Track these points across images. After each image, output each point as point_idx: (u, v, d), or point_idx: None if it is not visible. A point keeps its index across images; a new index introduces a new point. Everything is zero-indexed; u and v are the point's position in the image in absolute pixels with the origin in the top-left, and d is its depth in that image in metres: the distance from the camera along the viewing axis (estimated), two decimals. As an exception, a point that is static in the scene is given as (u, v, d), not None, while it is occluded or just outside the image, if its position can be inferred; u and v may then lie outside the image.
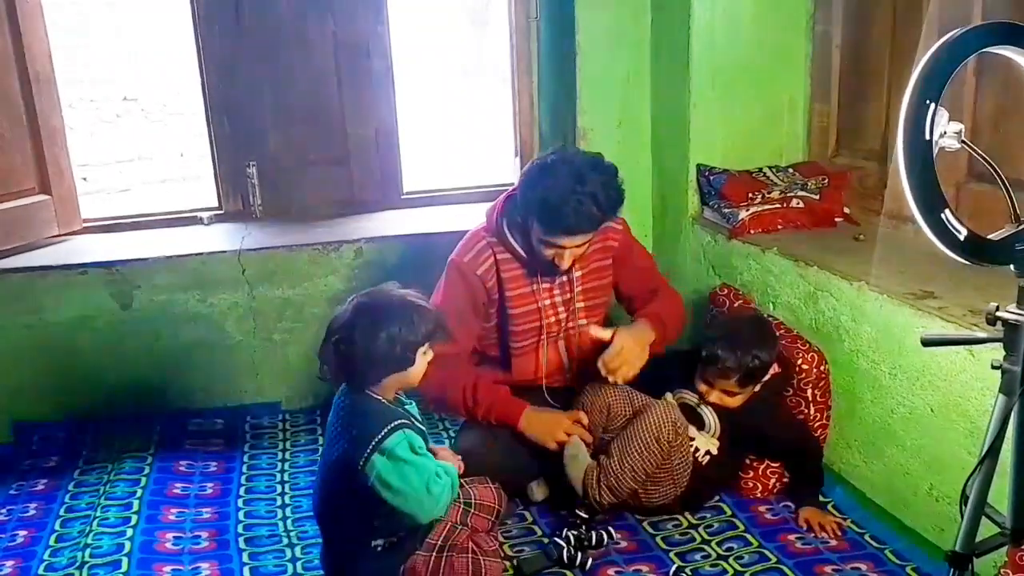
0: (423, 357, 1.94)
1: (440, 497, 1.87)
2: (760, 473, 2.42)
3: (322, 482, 2.01)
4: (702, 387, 2.34)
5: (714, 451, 2.32)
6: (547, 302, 2.44)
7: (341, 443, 1.91)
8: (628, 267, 2.53)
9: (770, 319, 2.54)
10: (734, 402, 2.34)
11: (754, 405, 2.35)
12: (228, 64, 3.15)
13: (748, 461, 2.43)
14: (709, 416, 2.35)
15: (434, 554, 1.95)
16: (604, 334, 2.33)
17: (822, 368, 2.38)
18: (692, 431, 2.33)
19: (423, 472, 1.85)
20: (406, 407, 1.99)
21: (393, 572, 1.95)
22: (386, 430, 1.84)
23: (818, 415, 2.39)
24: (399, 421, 1.88)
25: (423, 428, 2.00)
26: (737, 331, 2.33)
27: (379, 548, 1.92)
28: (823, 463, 2.44)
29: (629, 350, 2.28)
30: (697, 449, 2.32)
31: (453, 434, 2.77)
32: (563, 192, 2.16)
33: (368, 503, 1.86)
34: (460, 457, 2.11)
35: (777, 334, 2.41)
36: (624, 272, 2.53)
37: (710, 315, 2.74)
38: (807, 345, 2.42)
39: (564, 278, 2.44)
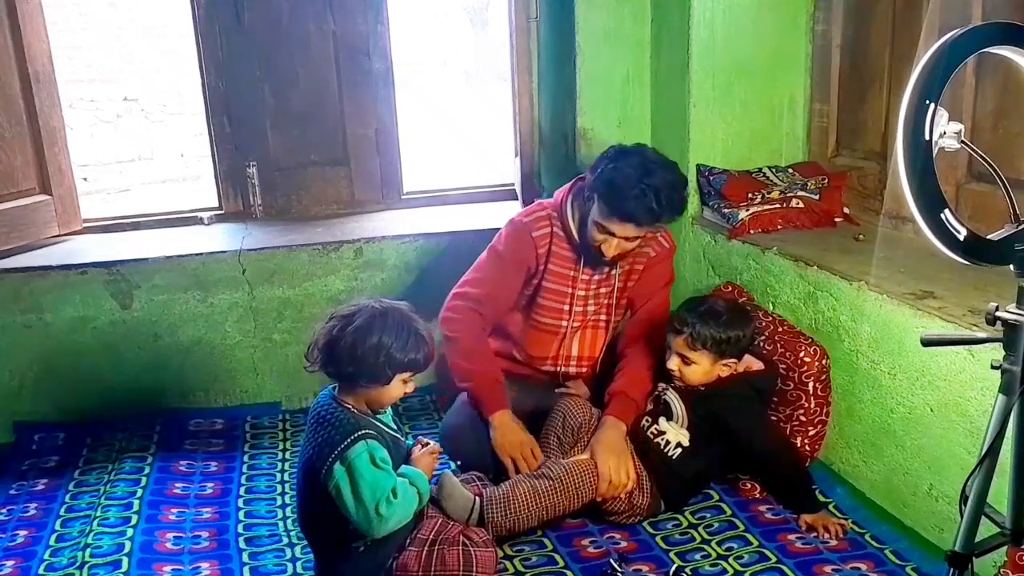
0: (400, 384, 1.95)
1: (389, 519, 1.88)
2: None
3: (297, 489, 2.05)
4: (668, 360, 2.38)
5: (685, 442, 2.32)
6: (582, 293, 2.48)
7: (308, 451, 1.94)
8: (643, 286, 2.53)
9: (745, 305, 2.57)
10: (691, 374, 2.35)
11: (723, 394, 2.35)
12: (228, 64, 3.15)
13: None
14: (675, 403, 2.36)
15: (425, 548, 1.97)
16: (581, 459, 2.28)
17: (824, 363, 2.38)
18: (662, 422, 2.36)
19: (377, 491, 1.86)
20: (379, 416, 1.99)
21: (382, 568, 1.97)
22: (348, 440, 1.87)
23: (818, 410, 2.39)
24: (363, 431, 1.89)
25: (397, 435, 2.01)
26: (700, 298, 2.47)
27: (360, 549, 1.94)
28: (824, 463, 2.44)
29: (615, 469, 2.25)
30: (668, 443, 2.33)
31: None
32: (630, 177, 2.24)
33: (338, 507, 1.89)
34: (435, 446, 2.10)
35: (746, 317, 2.43)
36: (638, 286, 2.53)
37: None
38: (809, 339, 2.42)
39: (604, 274, 2.48)
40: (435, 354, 2.03)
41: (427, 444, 2.10)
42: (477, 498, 2.15)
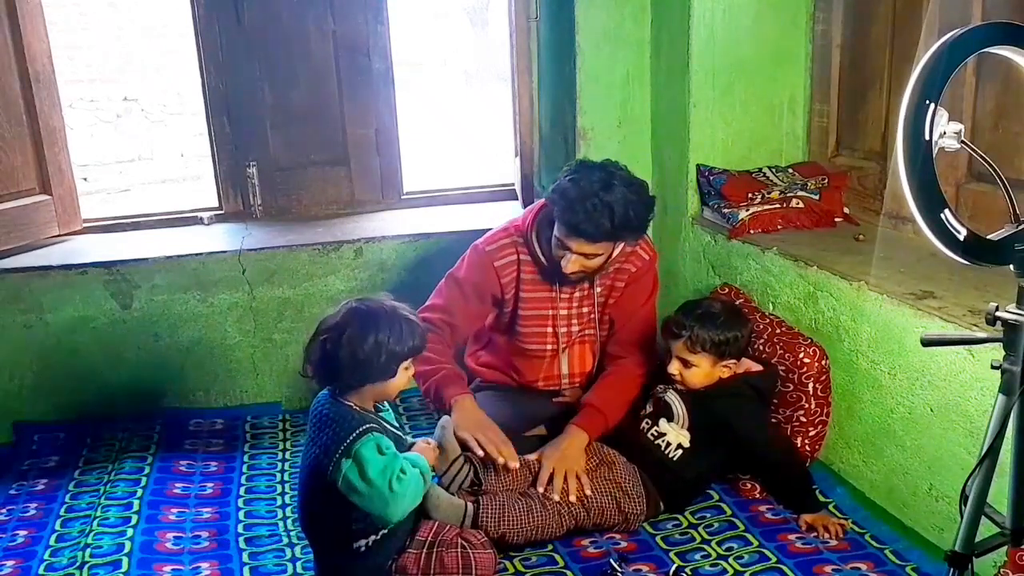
0: (404, 372, 1.96)
1: (403, 495, 1.87)
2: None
3: (300, 489, 2.04)
4: (669, 364, 2.37)
5: (686, 443, 2.32)
6: (564, 313, 2.46)
7: (313, 450, 1.94)
8: (625, 302, 2.50)
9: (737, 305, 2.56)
10: (693, 377, 2.34)
11: (723, 394, 2.34)
12: (228, 64, 3.15)
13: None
14: (676, 404, 2.36)
15: (424, 550, 1.98)
16: (531, 458, 2.28)
17: (823, 363, 2.37)
18: (662, 423, 2.35)
19: (386, 471, 1.86)
20: (381, 414, 2.00)
21: (381, 570, 1.97)
22: (354, 435, 1.87)
23: (818, 410, 2.39)
24: (368, 426, 1.89)
25: (398, 432, 2.02)
26: (696, 301, 2.45)
27: (362, 549, 1.94)
28: (824, 463, 2.44)
29: (558, 470, 2.22)
30: (668, 444, 2.32)
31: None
32: (586, 191, 2.19)
33: (343, 506, 1.89)
34: (435, 445, 2.11)
35: (741, 317, 2.43)
36: (619, 303, 2.50)
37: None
38: (809, 340, 2.42)
39: (584, 291, 2.45)
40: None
41: (429, 443, 2.11)
42: (470, 504, 2.15)
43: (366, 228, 3.21)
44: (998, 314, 1.39)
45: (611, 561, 2.10)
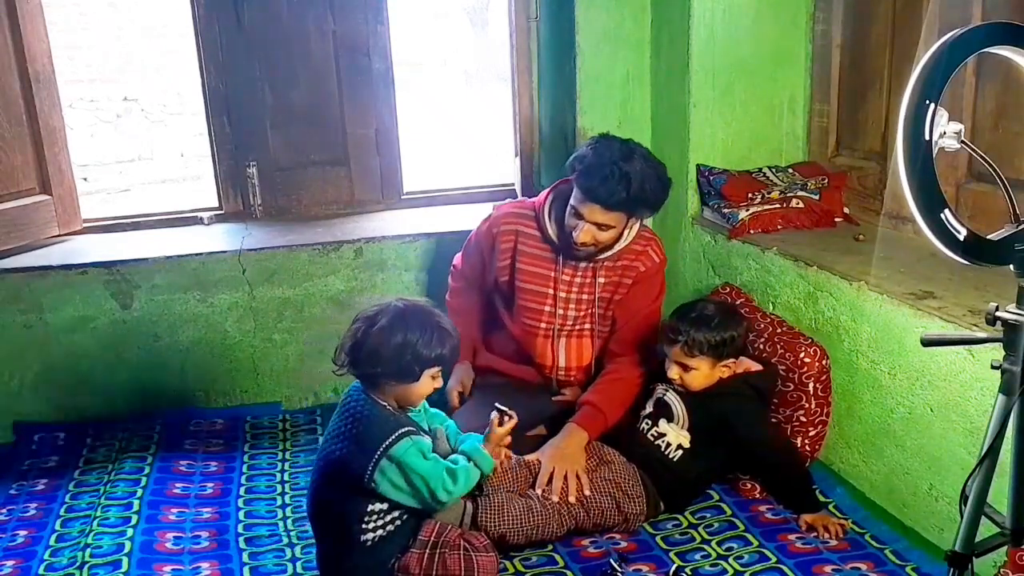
0: (429, 379, 1.95)
1: (448, 500, 1.95)
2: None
3: (317, 478, 2.03)
4: (668, 369, 2.37)
5: (686, 444, 2.32)
6: (563, 295, 2.48)
7: (343, 443, 1.94)
8: (631, 300, 2.50)
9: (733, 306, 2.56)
10: (693, 380, 2.34)
11: (723, 394, 2.34)
12: (228, 64, 3.15)
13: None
14: (676, 404, 2.36)
15: (427, 551, 1.98)
16: (530, 458, 2.30)
17: (824, 363, 2.38)
18: (662, 424, 2.35)
19: (433, 481, 1.90)
20: (410, 414, 2.01)
21: (384, 567, 1.97)
22: (393, 437, 1.89)
23: (818, 410, 2.39)
24: (406, 428, 1.91)
25: (429, 436, 2.02)
26: (690, 304, 2.44)
27: (368, 543, 1.95)
28: (824, 463, 2.44)
29: (559, 470, 2.25)
30: (668, 444, 2.32)
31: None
32: (605, 158, 2.26)
33: (357, 498, 1.90)
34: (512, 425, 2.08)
35: (736, 316, 2.43)
36: (624, 301, 2.51)
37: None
38: (809, 340, 2.42)
39: (587, 278, 2.45)
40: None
41: (504, 416, 2.06)
42: (469, 503, 2.15)
43: (366, 228, 3.21)
44: (998, 314, 1.39)
45: (611, 561, 2.10)
